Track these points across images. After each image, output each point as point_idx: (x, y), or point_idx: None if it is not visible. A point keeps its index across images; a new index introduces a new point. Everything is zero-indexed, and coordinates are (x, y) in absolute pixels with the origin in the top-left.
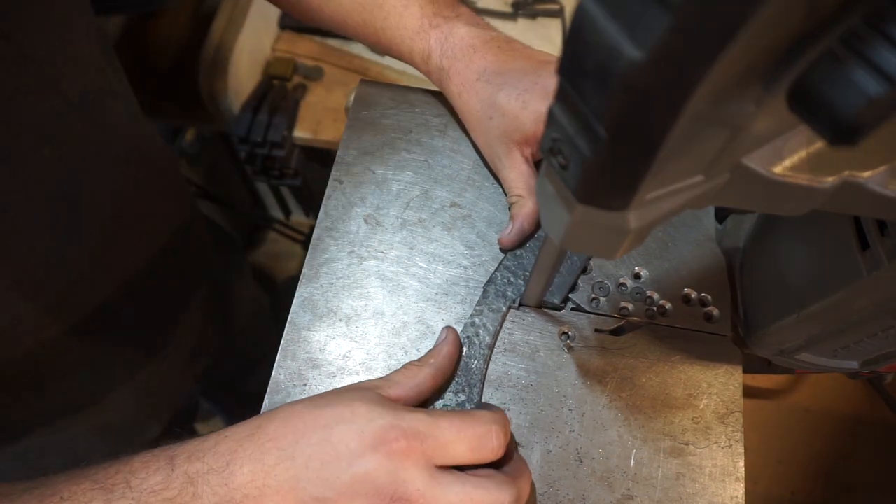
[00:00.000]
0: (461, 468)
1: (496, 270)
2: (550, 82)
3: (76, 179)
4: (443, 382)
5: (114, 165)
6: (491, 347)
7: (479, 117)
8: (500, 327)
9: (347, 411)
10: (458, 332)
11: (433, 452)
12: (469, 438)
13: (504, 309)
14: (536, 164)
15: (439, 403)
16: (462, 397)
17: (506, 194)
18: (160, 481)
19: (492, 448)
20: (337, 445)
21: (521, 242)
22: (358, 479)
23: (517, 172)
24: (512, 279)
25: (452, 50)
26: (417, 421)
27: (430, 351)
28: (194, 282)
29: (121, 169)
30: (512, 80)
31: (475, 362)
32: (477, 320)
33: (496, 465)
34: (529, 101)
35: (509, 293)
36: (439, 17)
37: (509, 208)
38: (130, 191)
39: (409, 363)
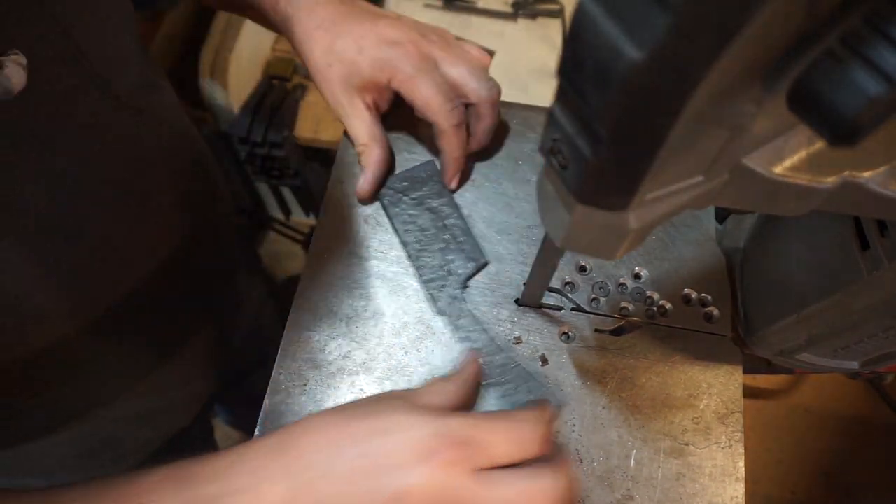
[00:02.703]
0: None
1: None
2: (385, 30)
3: (128, 170)
4: (467, 402)
5: (162, 156)
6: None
7: (320, 65)
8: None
9: (386, 422)
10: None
11: (478, 457)
12: (514, 441)
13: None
14: (382, 117)
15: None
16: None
17: (352, 145)
18: None
19: (535, 446)
20: (378, 458)
21: (377, 190)
22: (406, 491)
23: (360, 121)
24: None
25: None
26: (460, 427)
27: (455, 371)
28: (219, 278)
29: (169, 159)
30: (348, 28)
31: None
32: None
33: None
34: (365, 47)
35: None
36: None
37: (359, 160)
38: (176, 179)
39: (436, 379)
